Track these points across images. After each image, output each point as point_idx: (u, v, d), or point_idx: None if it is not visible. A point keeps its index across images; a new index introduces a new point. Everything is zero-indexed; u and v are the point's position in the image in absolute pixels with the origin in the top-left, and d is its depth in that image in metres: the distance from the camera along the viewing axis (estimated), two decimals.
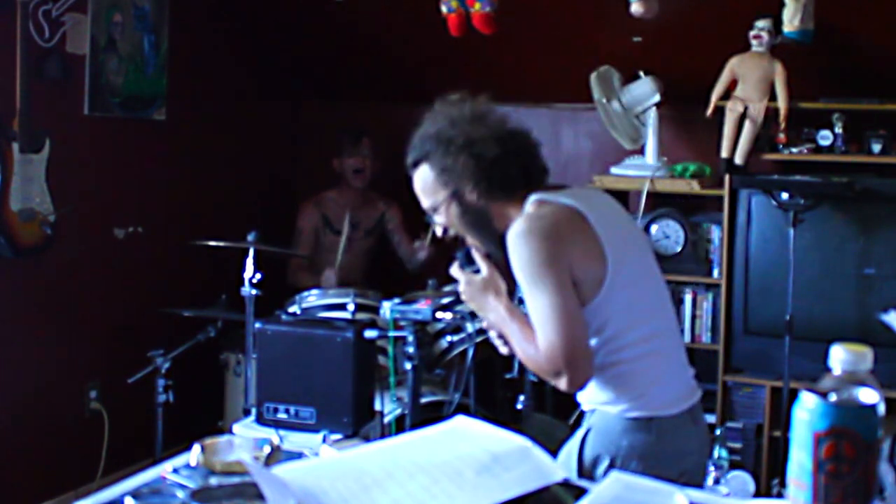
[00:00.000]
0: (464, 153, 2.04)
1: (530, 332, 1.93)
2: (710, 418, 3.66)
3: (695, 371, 2.10)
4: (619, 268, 1.95)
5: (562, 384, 1.91)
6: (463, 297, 2.10)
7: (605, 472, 1.94)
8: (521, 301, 2.02)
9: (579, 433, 2.05)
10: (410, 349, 2.68)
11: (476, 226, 2.08)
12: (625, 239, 2.04)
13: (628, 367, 1.98)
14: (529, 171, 2.07)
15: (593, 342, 1.97)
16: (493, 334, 2.11)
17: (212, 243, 3.53)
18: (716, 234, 3.94)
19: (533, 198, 2.02)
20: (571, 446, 2.04)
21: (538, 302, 1.90)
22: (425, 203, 2.14)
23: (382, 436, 2.99)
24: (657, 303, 2.07)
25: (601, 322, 1.96)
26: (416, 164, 2.16)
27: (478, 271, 2.07)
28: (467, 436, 1.47)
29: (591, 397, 2.04)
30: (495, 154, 2.03)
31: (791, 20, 3.51)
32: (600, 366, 1.97)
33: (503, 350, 2.10)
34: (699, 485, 2.04)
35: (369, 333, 2.82)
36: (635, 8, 3.43)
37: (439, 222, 2.14)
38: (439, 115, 2.14)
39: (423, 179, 2.13)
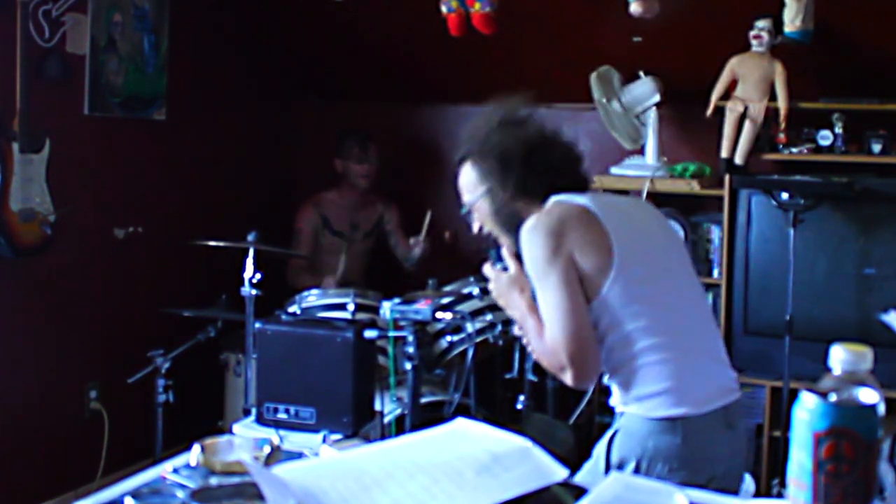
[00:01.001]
0: (493, 155, 2.15)
1: (542, 329, 2.00)
2: None
3: (735, 374, 2.10)
4: (628, 263, 1.97)
5: (567, 379, 1.96)
6: (492, 293, 2.20)
7: (632, 475, 1.94)
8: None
9: (607, 435, 2.05)
10: (410, 349, 2.68)
11: (506, 225, 2.17)
12: (644, 238, 2.07)
13: (647, 365, 1.97)
14: (557, 177, 2.14)
15: (609, 339, 1.98)
16: (517, 330, 2.19)
17: (212, 243, 3.53)
18: (716, 234, 3.94)
19: (552, 199, 2.09)
20: (600, 449, 2.05)
21: (544, 298, 1.99)
22: (465, 198, 2.25)
23: (382, 436, 2.99)
24: (682, 301, 2.07)
25: (614, 318, 1.97)
26: (460, 162, 2.25)
27: (507, 269, 2.15)
28: (467, 436, 1.47)
29: (617, 398, 2.05)
30: (522, 159, 2.12)
31: (793, 20, 3.51)
32: (619, 363, 1.99)
33: (528, 347, 2.15)
34: (733, 492, 2.00)
35: (369, 333, 2.82)
36: (634, 8, 3.43)
37: (475, 219, 2.24)
38: (483, 115, 2.25)
39: (465, 176, 2.24)
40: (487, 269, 2.19)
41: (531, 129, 2.19)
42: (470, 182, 2.22)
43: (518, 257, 2.13)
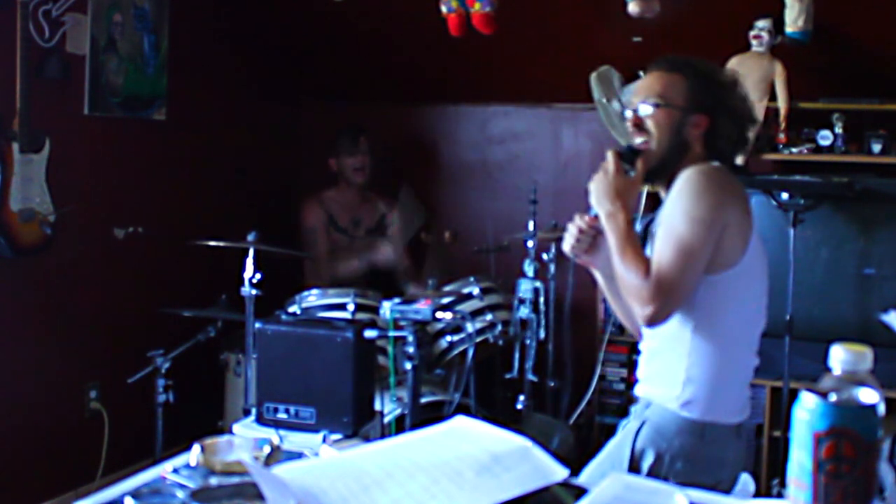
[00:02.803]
0: (719, 98, 2.08)
1: (640, 259, 1.95)
2: None
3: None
4: (750, 265, 2.00)
5: (646, 311, 1.93)
6: (594, 181, 2.08)
7: (651, 467, 1.97)
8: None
9: (633, 424, 2.06)
10: (410, 349, 2.68)
11: (670, 148, 2.08)
12: (762, 249, 2.08)
13: (709, 367, 2.00)
14: (738, 151, 2.15)
15: (695, 317, 1.99)
16: (574, 227, 2.12)
17: (212, 243, 3.52)
18: None
19: (716, 163, 2.06)
20: (623, 438, 2.06)
21: (680, 234, 1.93)
22: (649, 94, 2.11)
23: (382, 436, 2.99)
24: (758, 316, 2.09)
25: (712, 306, 1.98)
26: (672, 69, 2.13)
27: (629, 173, 2.07)
28: (467, 436, 1.47)
29: (651, 388, 2.06)
30: (739, 118, 2.10)
31: (795, 21, 3.51)
32: (693, 351, 1.99)
33: (568, 243, 2.12)
34: (727, 492, 2.05)
35: (369, 333, 2.82)
36: (632, 8, 3.43)
37: (644, 115, 2.10)
38: (717, 68, 2.18)
39: (671, 80, 2.11)
40: (611, 154, 2.08)
41: (749, 108, 2.18)
42: (672, 89, 2.09)
43: (646, 175, 2.09)
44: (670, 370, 2.02)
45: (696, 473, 1.95)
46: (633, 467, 1.99)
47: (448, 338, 3.61)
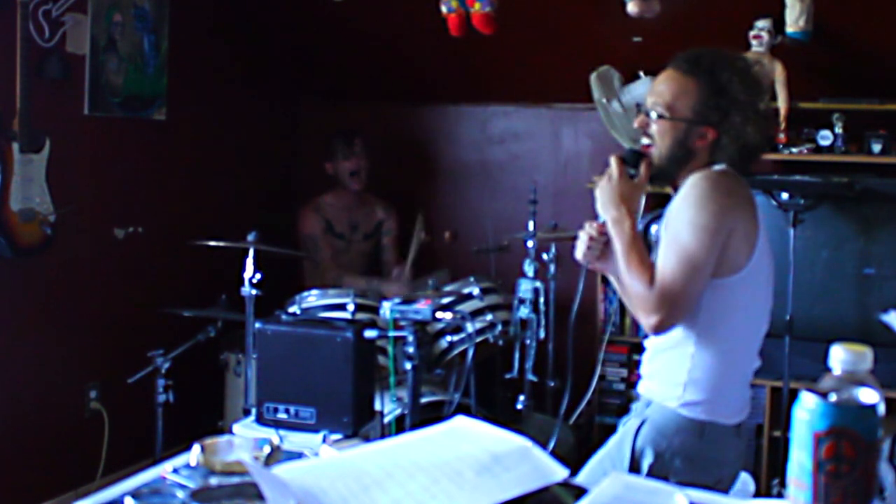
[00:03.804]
0: (733, 99, 2.02)
1: (645, 267, 1.95)
2: None
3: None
4: (756, 270, 1.99)
5: (651, 320, 1.93)
6: (599, 188, 2.07)
7: (651, 466, 1.97)
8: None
9: (633, 423, 2.06)
10: (410, 349, 2.68)
11: (674, 155, 2.06)
12: (769, 252, 2.07)
13: (713, 370, 2.00)
14: (751, 155, 2.08)
15: (700, 321, 1.99)
16: (584, 234, 2.10)
17: (212, 243, 3.52)
18: None
19: (723, 167, 2.04)
20: (623, 436, 2.06)
21: (683, 242, 1.93)
22: (657, 101, 2.08)
23: (382, 436, 2.99)
24: (762, 319, 2.10)
25: (715, 312, 1.98)
26: (689, 72, 2.08)
27: (633, 176, 2.06)
28: (467, 436, 1.47)
29: (654, 387, 2.07)
30: (758, 132, 2.04)
31: (796, 21, 3.51)
32: (696, 352, 2.00)
33: (580, 251, 2.10)
34: (725, 491, 2.06)
35: (369, 333, 2.82)
36: (631, 8, 3.44)
37: (652, 119, 2.08)
38: (740, 60, 2.09)
39: (683, 88, 2.07)
40: (614, 159, 2.08)
41: (764, 104, 2.13)
42: (684, 95, 2.06)
43: (651, 178, 2.07)
44: (673, 370, 2.02)
45: (696, 472, 1.95)
46: (634, 465, 1.99)
47: (448, 338, 3.61)
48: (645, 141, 2.09)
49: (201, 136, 4.34)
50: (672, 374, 2.02)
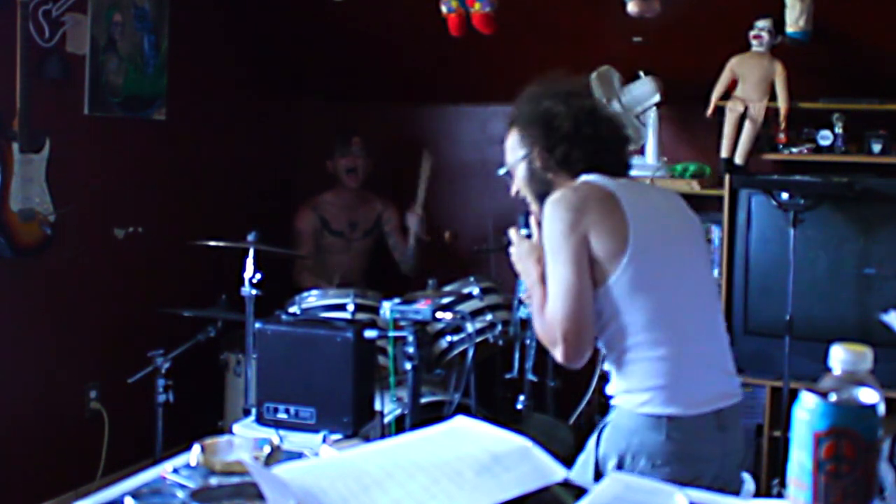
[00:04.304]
0: (539, 122, 2.15)
1: (545, 302, 2.02)
2: None
3: (739, 380, 2.10)
4: (642, 255, 1.97)
5: (557, 354, 1.99)
6: (512, 256, 2.20)
7: (615, 469, 1.95)
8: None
9: (598, 429, 2.06)
10: (410, 349, 2.68)
11: (537, 193, 2.18)
12: (665, 234, 2.06)
13: (642, 360, 1.98)
14: (595, 157, 2.13)
15: (610, 327, 2.00)
16: (525, 298, 2.28)
17: (212, 243, 3.53)
18: (716, 234, 3.94)
19: (582, 178, 2.10)
20: (590, 444, 2.06)
21: (552, 271, 2.00)
22: (507, 160, 2.25)
23: (382, 436, 2.99)
24: (691, 302, 2.06)
25: (617, 307, 1.98)
26: (510, 125, 2.24)
27: (530, 236, 2.17)
28: (467, 436, 1.47)
29: (612, 386, 2.07)
30: (565, 132, 2.12)
31: (796, 21, 3.51)
32: (616, 353, 2.01)
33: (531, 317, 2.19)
34: (734, 492, 2.01)
35: (369, 333, 2.82)
36: (631, 7, 3.44)
37: (512, 182, 2.24)
38: (542, 84, 2.24)
39: (510, 139, 2.24)
40: (512, 232, 2.20)
41: (584, 103, 2.19)
42: (511, 145, 2.23)
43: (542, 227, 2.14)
44: (617, 372, 2.04)
45: (665, 468, 1.92)
46: (599, 471, 1.97)
47: (448, 338, 3.61)
48: (525, 198, 2.23)
49: (201, 136, 4.34)
50: (617, 376, 2.03)
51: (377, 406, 3.01)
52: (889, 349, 2.20)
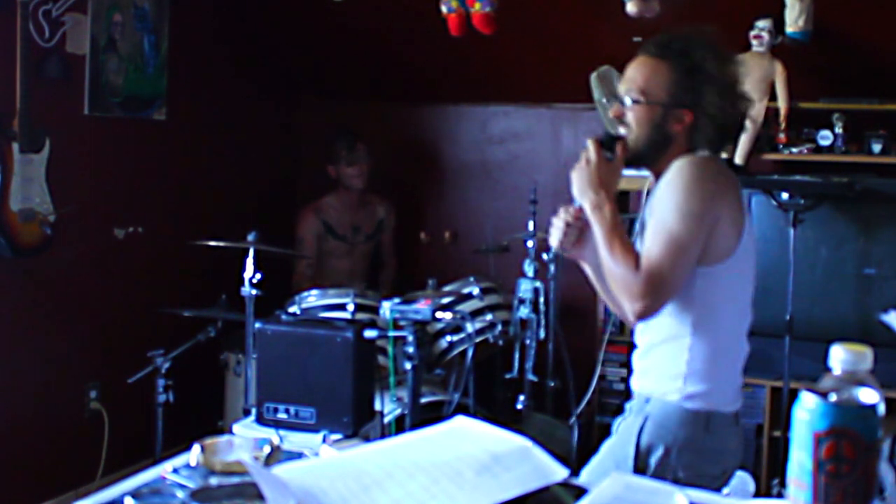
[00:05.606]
0: (716, 90, 1.99)
1: (628, 252, 1.92)
2: None
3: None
4: (744, 254, 1.98)
5: (636, 305, 1.89)
6: (576, 172, 2.02)
7: (660, 461, 1.97)
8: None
9: (634, 421, 2.05)
10: (410, 349, 2.68)
11: (651, 140, 2.02)
12: (753, 239, 2.06)
13: (711, 359, 2.00)
14: (723, 143, 2.07)
15: (691, 313, 1.97)
16: (559, 221, 2.07)
17: (212, 243, 3.52)
18: None
19: (706, 153, 2.01)
20: (625, 435, 2.05)
21: (671, 227, 1.89)
22: (630, 87, 2.04)
23: (382, 436, 2.99)
24: (749, 305, 2.09)
25: (708, 300, 1.97)
26: (660, 55, 2.04)
27: (610, 159, 2.01)
28: (467, 436, 1.47)
29: (652, 382, 2.05)
30: (728, 115, 2.01)
31: (796, 21, 3.51)
32: (690, 337, 1.98)
33: (555, 238, 2.08)
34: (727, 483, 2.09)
35: (369, 333, 2.82)
36: (631, 8, 3.44)
37: (627, 106, 2.04)
38: (723, 47, 2.07)
39: (656, 71, 2.03)
40: (592, 148, 2.01)
41: (741, 88, 2.07)
42: (655, 79, 2.01)
43: (629, 162, 2.03)
44: (670, 363, 2.01)
45: (704, 464, 1.96)
46: (640, 464, 1.98)
47: (448, 338, 3.61)
48: (622, 131, 2.06)
49: (201, 136, 4.34)
50: (670, 368, 2.01)
51: (377, 406, 3.01)
52: (889, 349, 2.20)
